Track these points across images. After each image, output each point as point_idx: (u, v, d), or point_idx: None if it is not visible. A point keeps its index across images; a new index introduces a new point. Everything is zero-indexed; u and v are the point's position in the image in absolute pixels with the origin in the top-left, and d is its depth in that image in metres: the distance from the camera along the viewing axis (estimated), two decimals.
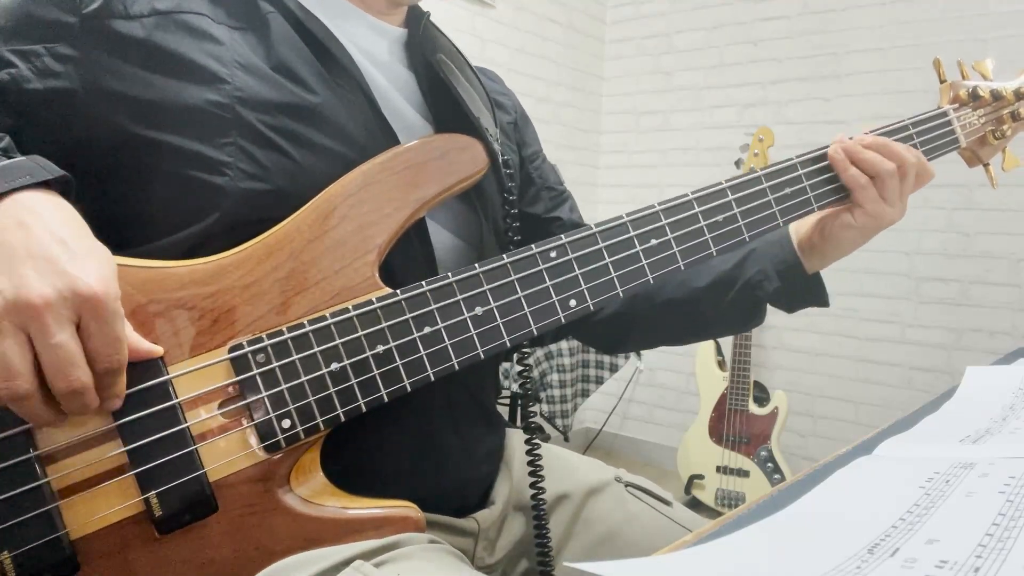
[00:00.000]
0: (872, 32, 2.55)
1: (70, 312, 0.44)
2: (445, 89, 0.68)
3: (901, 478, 0.43)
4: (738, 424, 2.45)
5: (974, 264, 2.41)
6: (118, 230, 0.57)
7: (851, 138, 0.74)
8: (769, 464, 2.39)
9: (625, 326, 0.84)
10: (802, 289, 0.79)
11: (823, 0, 2.65)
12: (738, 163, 2.56)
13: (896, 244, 2.51)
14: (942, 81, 0.85)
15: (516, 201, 0.73)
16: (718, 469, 2.47)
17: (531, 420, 0.71)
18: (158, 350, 0.51)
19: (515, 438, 0.79)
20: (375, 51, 0.68)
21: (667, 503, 0.79)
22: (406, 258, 0.62)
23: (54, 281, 0.44)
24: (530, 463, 0.70)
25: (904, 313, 2.53)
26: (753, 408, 2.43)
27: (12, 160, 0.50)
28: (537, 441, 0.71)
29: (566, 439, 2.27)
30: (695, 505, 2.48)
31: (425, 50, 0.70)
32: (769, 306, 0.81)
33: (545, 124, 2.93)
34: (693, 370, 2.62)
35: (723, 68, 2.90)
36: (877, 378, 2.58)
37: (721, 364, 2.54)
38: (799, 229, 0.79)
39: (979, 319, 2.41)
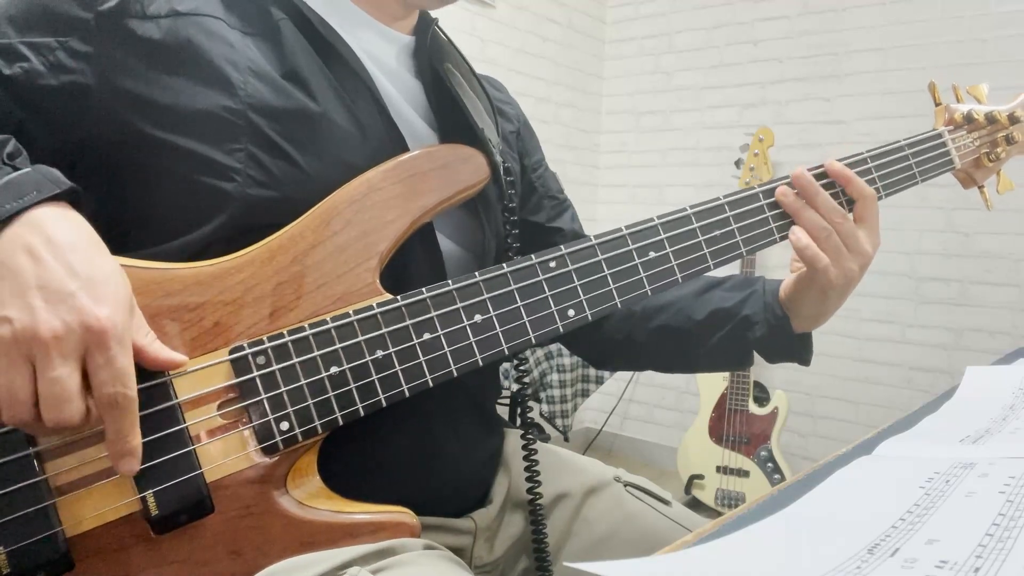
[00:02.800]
0: (872, 32, 2.55)
1: (76, 345, 0.44)
2: (451, 99, 0.68)
3: (901, 478, 0.43)
4: (738, 424, 2.45)
5: (974, 264, 2.41)
6: (122, 232, 0.57)
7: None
8: (769, 464, 2.39)
9: (614, 345, 0.84)
10: (784, 345, 0.76)
11: (823, 0, 2.65)
12: (738, 163, 2.56)
13: (896, 244, 2.51)
14: (937, 104, 0.86)
15: (516, 210, 0.73)
16: (718, 469, 2.47)
17: (528, 420, 0.71)
18: (182, 359, 0.51)
19: (514, 438, 0.79)
20: (384, 58, 0.68)
21: (666, 503, 0.79)
22: (413, 266, 0.62)
23: (63, 313, 0.44)
24: (527, 466, 0.70)
25: (904, 313, 2.53)
26: (753, 408, 2.43)
27: (18, 173, 0.49)
28: (532, 437, 0.71)
29: (566, 439, 2.27)
30: (695, 505, 2.48)
31: (433, 59, 0.70)
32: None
33: (545, 124, 2.93)
34: None
35: (723, 68, 2.89)
36: (877, 378, 2.58)
37: None
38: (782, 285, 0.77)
39: (979, 319, 2.41)
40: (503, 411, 2.06)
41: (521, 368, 0.72)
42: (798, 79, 2.71)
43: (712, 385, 2.52)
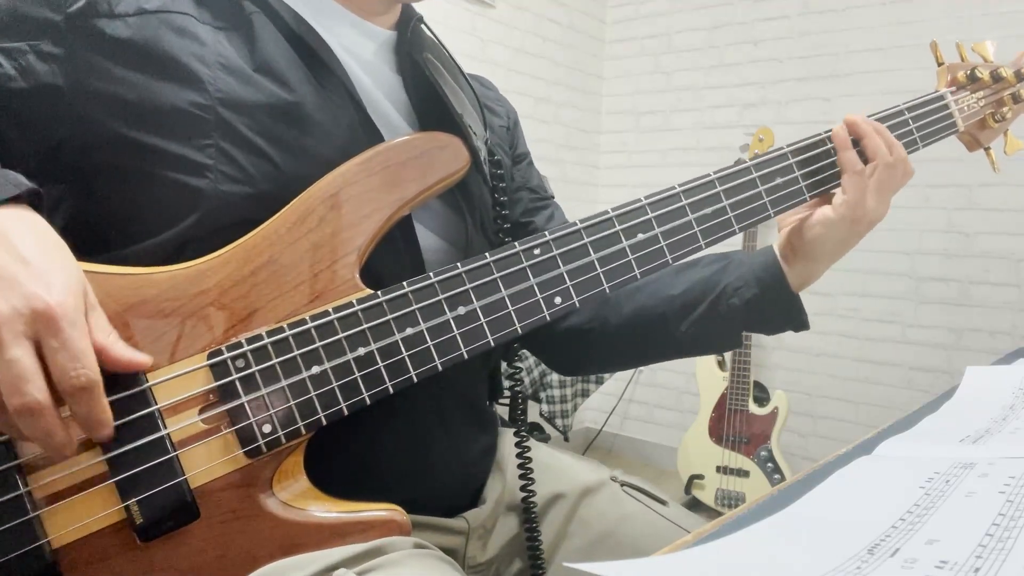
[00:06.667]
0: (872, 32, 2.55)
1: (25, 328, 0.43)
2: (431, 89, 0.67)
3: (901, 478, 0.43)
4: (738, 424, 2.44)
5: (974, 264, 2.41)
6: (99, 233, 0.57)
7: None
8: (769, 464, 2.39)
9: (585, 338, 0.80)
10: (779, 304, 0.74)
11: (823, 0, 2.65)
12: (738, 163, 2.56)
13: (896, 244, 2.51)
14: (940, 64, 0.83)
15: (506, 203, 0.72)
16: (718, 469, 2.47)
17: (522, 422, 0.71)
18: (146, 360, 0.50)
19: (509, 438, 0.79)
20: (360, 52, 0.67)
21: (663, 503, 0.78)
22: (392, 261, 0.62)
23: (9, 297, 0.43)
24: (520, 466, 0.69)
25: (904, 313, 2.53)
26: (753, 408, 2.43)
27: None
28: (525, 435, 0.70)
29: (566, 439, 2.27)
30: (695, 505, 2.48)
31: (412, 49, 0.69)
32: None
33: (545, 124, 2.93)
34: (693, 370, 2.61)
35: (723, 68, 2.89)
36: (877, 378, 2.58)
37: (721, 364, 2.54)
38: (782, 237, 0.76)
39: (979, 319, 2.40)
40: (504, 411, 2.06)
41: (515, 365, 0.71)
42: (798, 79, 2.71)
43: (712, 385, 2.52)
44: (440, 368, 0.57)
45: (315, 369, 0.54)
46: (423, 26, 0.73)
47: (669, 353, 0.80)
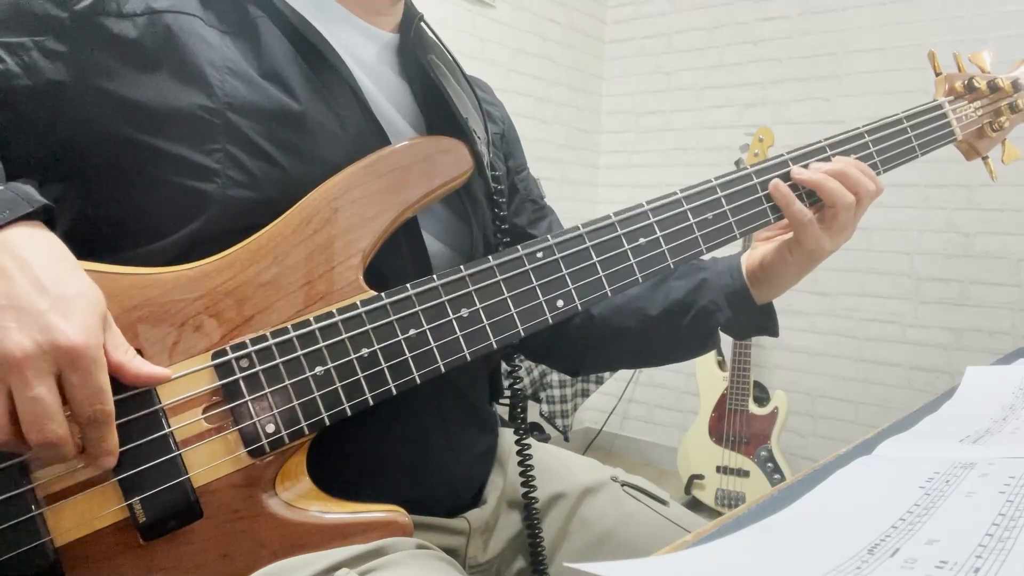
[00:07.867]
0: (872, 32, 2.55)
1: (50, 364, 0.44)
2: (435, 92, 0.67)
3: (901, 478, 0.43)
4: (738, 424, 2.44)
5: (974, 264, 2.41)
6: (105, 235, 0.57)
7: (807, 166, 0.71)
8: (769, 464, 2.39)
9: (578, 353, 0.83)
10: (752, 319, 0.77)
11: (823, 0, 2.65)
12: (738, 163, 2.56)
13: (896, 244, 2.51)
14: (937, 73, 0.84)
15: (505, 205, 0.72)
16: (718, 469, 2.47)
17: (521, 421, 0.71)
18: (165, 373, 0.51)
19: (509, 438, 0.79)
20: (364, 55, 0.67)
21: (664, 503, 0.78)
22: (398, 267, 0.62)
23: (34, 333, 0.43)
24: (520, 464, 0.69)
25: (904, 313, 2.53)
26: (753, 408, 2.43)
27: None
28: (528, 442, 0.70)
29: (566, 439, 2.27)
30: (695, 505, 2.48)
31: (417, 52, 0.69)
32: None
33: (545, 124, 2.93)
34: (693, 370, 2.61)
35: (723, 68, 2.89)
36: (877, 378, 2.58)
37: (721, 364, 2.54)
38: (750, 259, 0.77)
39: (979, 319, 2.40)
40: (504, 411, 2.06)
41: (514, 364, 0.71)
42: (798, 79, 2.71)
43: (712, 385, 2.52)
44: (443, 370, 0.57)
45: (318, 369, 0.54)
46: (424, 25, 0.73)
47: (658, 362, 0.85)
